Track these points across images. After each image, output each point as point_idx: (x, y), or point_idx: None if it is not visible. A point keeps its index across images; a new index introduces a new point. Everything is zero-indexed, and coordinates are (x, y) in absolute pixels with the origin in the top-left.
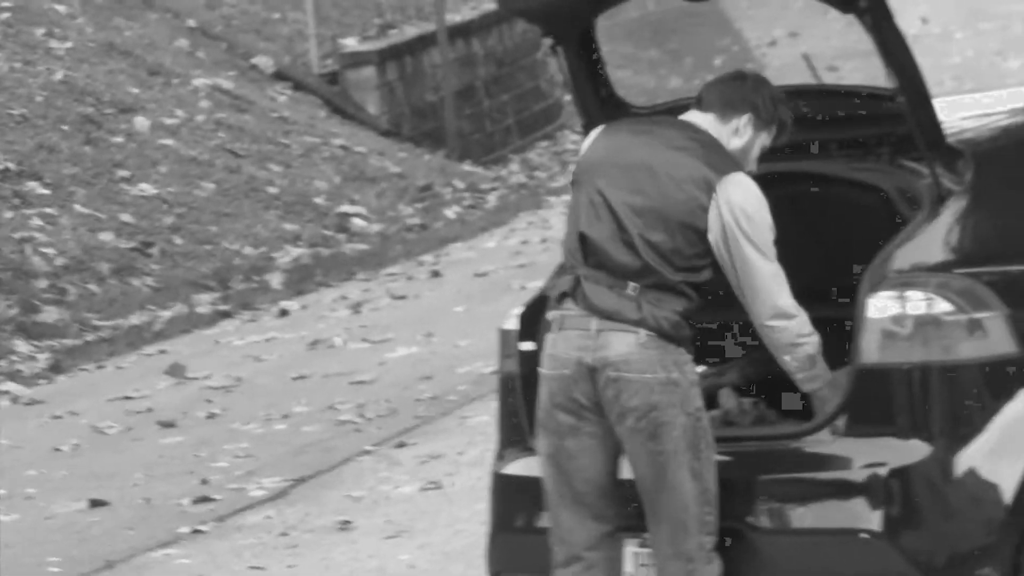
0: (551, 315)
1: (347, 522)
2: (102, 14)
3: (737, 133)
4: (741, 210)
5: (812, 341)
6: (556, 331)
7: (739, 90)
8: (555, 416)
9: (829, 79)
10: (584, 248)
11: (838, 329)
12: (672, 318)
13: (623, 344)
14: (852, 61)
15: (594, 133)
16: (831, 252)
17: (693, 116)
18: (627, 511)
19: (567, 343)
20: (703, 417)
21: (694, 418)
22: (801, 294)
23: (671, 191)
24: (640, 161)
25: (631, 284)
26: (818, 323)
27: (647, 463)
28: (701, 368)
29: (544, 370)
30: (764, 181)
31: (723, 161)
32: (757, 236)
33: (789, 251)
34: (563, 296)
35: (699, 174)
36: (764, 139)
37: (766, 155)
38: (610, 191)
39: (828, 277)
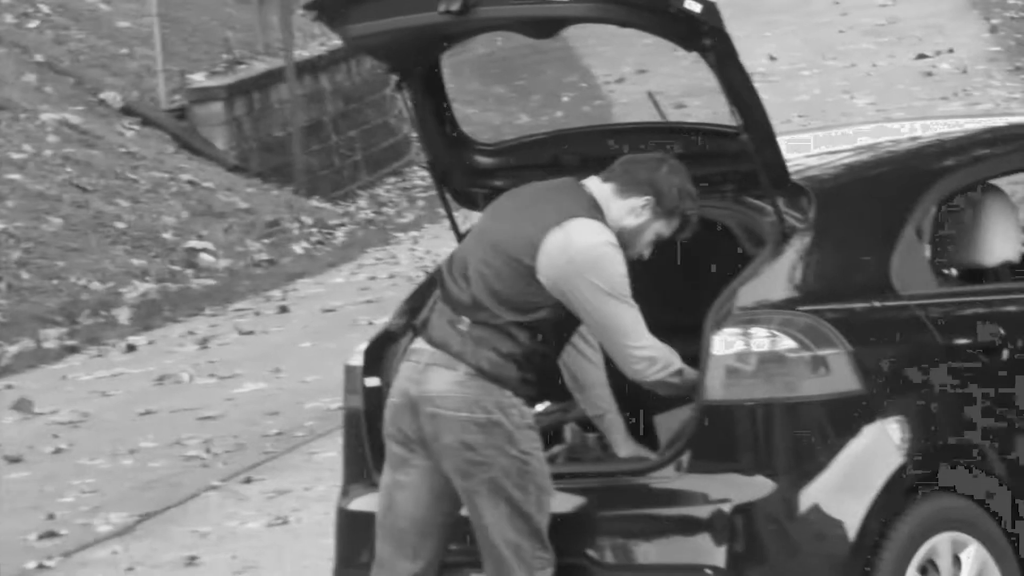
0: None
1: (194, 558)
2: None
3: (633, 213)
4: (588, 253)
5: (675, 365)
6: (402, 360)
7: (649, 172)
8: (390, 447)
9: (675, 116)
10: (441, 282)
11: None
12: (493, 358)
13: (442, 380)
14: (699, 98)
15: None
16: (676, 288)
17: (591, 182)
18: (461, 549)
19: (402, 373)
20: (532, 460)
21: (519, 460)
22: (649, 329)
23: (517, 229)
24: (514, 207)
25: (464, 319)
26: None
27: (467, 501)
28: (544, 405)
29: (390, 398)
30: None
31: (580, 209)
32: (608, 282)
33: (636, 288)
34: (416, 326)
35: (548, 217)
36: (661, 227)
37: None
38: (481, 228)
39: (674, 313)
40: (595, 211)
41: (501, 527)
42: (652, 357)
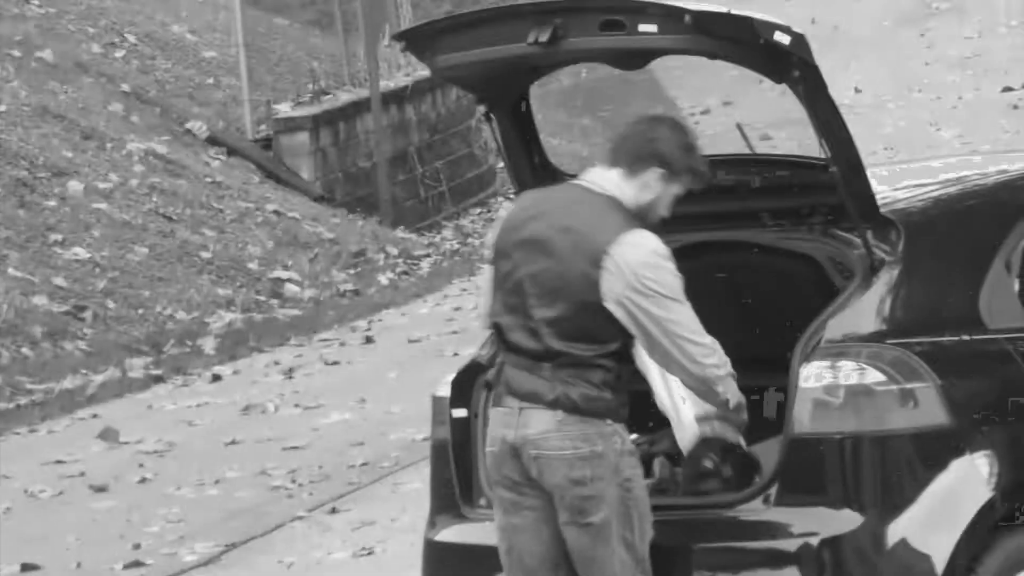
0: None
1: None
2: (36, 78)
3: (646, 188)
4: (642, 268)
5: (728, 363)
6: (491, 408)
7: (650, 142)
8: (497, 492)
9: (762, 148)
10: (500, 336)
11: (771, 398)
12: (589, 393)
13: (541, 422)
14: (785, 130)
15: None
16: (765, 321)
17: (596, 175)
18: None
19: (495, 420)
20: (635, 487)
21: (624, 488)
22: (735, 363)
23: (565, 269)
24: (535, 238)
25: (545, 365)
26: (752, 392)
27: (576, 537)
28: (632, 436)
29: (487, 447)
30: (698, 249)
31: (610, 224)
32: (666, 287)
33: (722, 320)
34: (491, 384)
35: (589, 248)
36: (676, 188)
37: (698, 224)
38: (515, 274)
39: (762, 346)
40: (621, 211)
41: (612, 559)
42: (717, 350)
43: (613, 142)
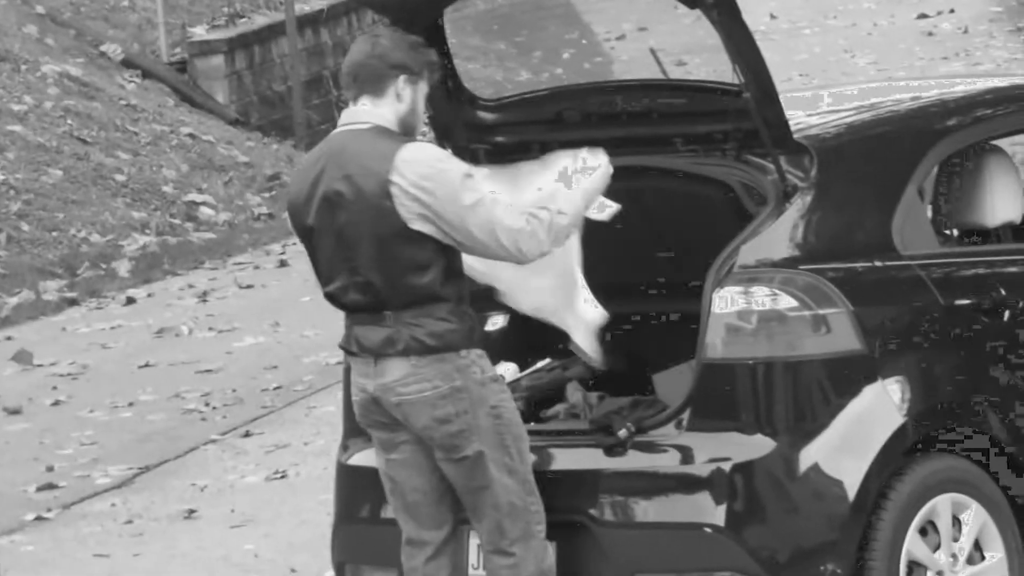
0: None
1: (192, 511)
2: None
3: (400, 99)
4: (425, 179)
5: (560, 202)
6: (350, 358)
7: (378, 60)
8: (373, 435)
9: (677, 74)
10: (336, 302)
11: (682, 324)
12: (435, 328)
13: (397, 369)
14: (700, 56)
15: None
16: (677, 247)
17: (349, 115)
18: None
19: (355, 371)
20: (504, 411)
21: (493, 416)
22: (647, 288)
23: (362, 214)
24: (324, 198)
25: (386, 313)
26: (666, 317)
27: (454, 472)
28: (545, 361)
29: (353, 396)
30: (612, 175)
31: (384, 152)
32: (452, 183)
33: (635, 246)
34: (344, 348)
35: (372, 183)
36: (424, 88)
37: (612, 149)
38: (319, 240)
39: (674, 272)
40: (385, 134)
41: (497, 486)
42: (535, 218)
43: (347, 78)
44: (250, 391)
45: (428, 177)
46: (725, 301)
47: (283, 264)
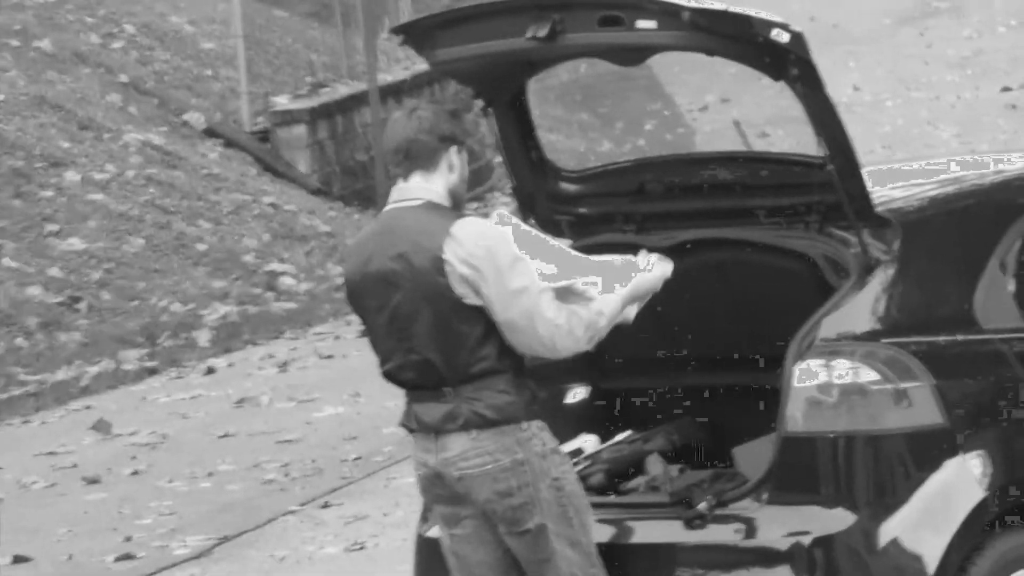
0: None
1: None
2: (34, 67)
3: (451, 169)
4: (472, 256)
5: (600, 303)
6: (413, 434)
7: (428, 134)
8: (436, 510)
9: (760, 146)
10: (394, 380)
11: (766, 395)
12: (495, 402)
13: (458, 444)
14: (783, 127)
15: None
16: (760, 319)
17: (400, 191)
18: None
19: (416, 446)
20: (566, 483)
21: (555, 488)
22: (729, 360)
23: (417, 291)
24: (378, 277)
25: (445, 390)
26: (747, 390)
27: (517, 545)
28: (626, 433)
29: (416, 471)
30: (695, 246)
31: (434, 229)
32: (501, 267)
33: (718, 317)
34: (405, 426)
35: (425, 260)
36: (465, 155)
37: (695, 221)
38: (375, 319)
39: (757, 344)
40: (435, 210)
41: (561, 559)
42: (575, 315)
43: (397, 156)
44: (329, 461)
45: (478, 255)
46: (806, 374)
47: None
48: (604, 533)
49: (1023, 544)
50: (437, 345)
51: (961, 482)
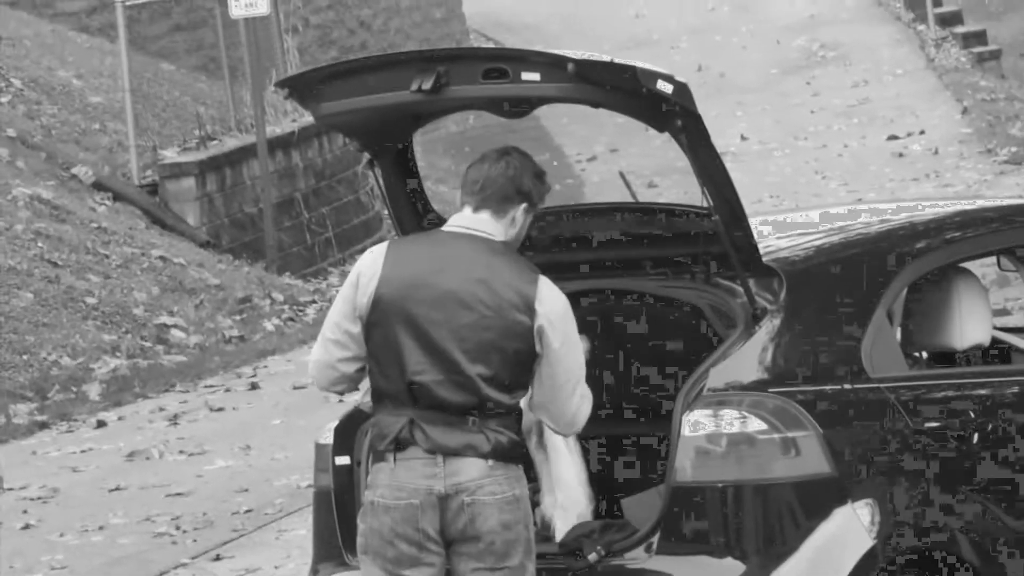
0: (385, 455)
1: None
2: None
3: (513, 223)
4: (558, 314)
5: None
6: (394, 462)
7: (511, 182)
8: (397, 546)
9: (647, 196)
10: (413, 393)
11: (653, 447)
12: (515, 439)
13: (474, 469)
14: (670, 178)
15: (372, 258)
16: (647, 370)
17: (471, 221)
18: None
19: (411, 472)
20: (531, 527)
21: (529, 530)
22: (616, 411)
23: (492, 321)
24: (447, 290)
25: (471, 418)
26: (635, 441)
27: None
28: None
29: (385, 500)
30: (576, 297)
31: (522, 270)
32: (573, 330)
33: (603, 368)
34: (398, 442)
35: (512, 295)
36: (532, 215)
37: (581, 272)
38: (431, 330)
39: (644, 395)
40: (514, 254)
41: None
42: (587, 400)
43: (474, 186)
44: (221, 514)
45: (558, 312)
46: (695, 424)
47: (254, 387)
48: None
49: None
50: (489, 376)
51: (850, 531)
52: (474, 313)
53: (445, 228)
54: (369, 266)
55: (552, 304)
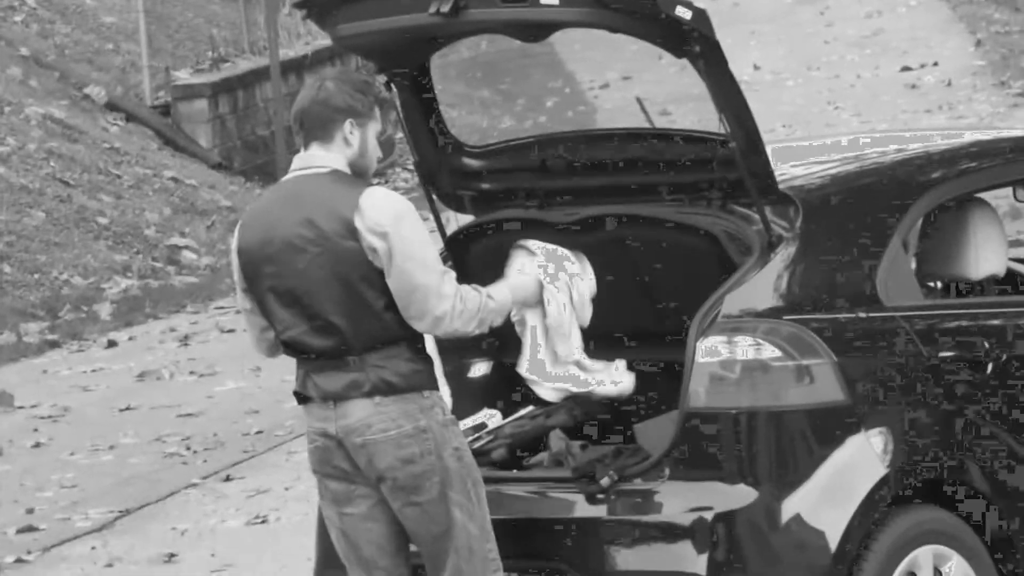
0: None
1: (172, 555)
2: None
3: (348, 144)
4: (385, 222)
5: (486, 299)
6: (304, 412)
7: (323, 104)
8: (327, 485)
9: (661, 123)
10: (295, 348)
11: (668, 372)
12: (402, 369)
13: (360, 409)
14: (684, 105)
15: (236, 230)
16: (661, 295)
17: (301, 159)
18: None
19: (312, 415)
20: (465, 455)
21: (455, 458)
22: (631, 337)
23: (326, 255)
24: (282, 241)
25: (350, 358)
26: (650, 366)
27: (415, 517)
28: (528, 408)
29: (309, 446)
30: (596, 222)
31: (346, 193)
32: (407, 237)
33: (619, 294)
34: (301, 395)
35: (335, 224)
36: (375, 126)
37: (597, 197)
38: (276, 285)
39: (658, 320)
40: (343, 178)
41: (458, 530)
42: (462, 301)
43: (295, 125)
44: (231, 435)
45: (384, 223)
46: (708, 350)
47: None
48: (506, 508)
49: (924, 521)
50: (344, 311)
51: (863, 459)
52: (307, 255)
53: (287, 176)
54: (234, 240)
55: (374, 214)
